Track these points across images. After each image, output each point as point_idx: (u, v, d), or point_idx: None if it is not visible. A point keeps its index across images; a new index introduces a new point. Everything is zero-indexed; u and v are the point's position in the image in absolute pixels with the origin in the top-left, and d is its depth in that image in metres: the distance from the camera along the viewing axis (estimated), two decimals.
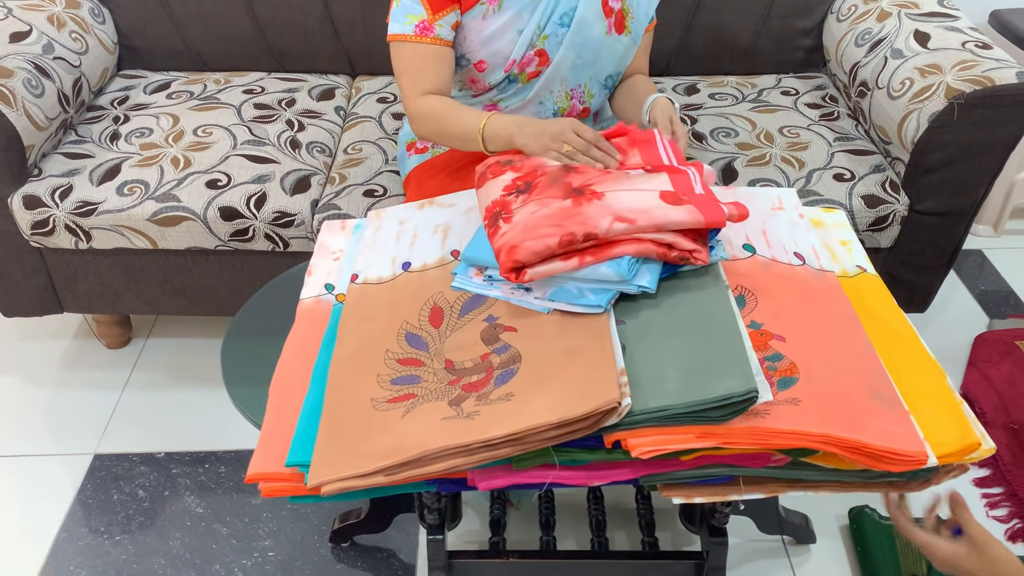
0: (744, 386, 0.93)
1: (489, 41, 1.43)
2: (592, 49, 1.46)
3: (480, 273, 1.15)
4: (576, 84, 1.50)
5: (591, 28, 1.44)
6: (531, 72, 1.46)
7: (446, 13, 1.39)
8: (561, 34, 1.43)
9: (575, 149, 1.21)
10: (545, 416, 0.92)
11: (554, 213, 1.09)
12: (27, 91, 1.68)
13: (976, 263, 2.30)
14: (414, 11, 1.39)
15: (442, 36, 1.40)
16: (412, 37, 1.39)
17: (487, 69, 1.46)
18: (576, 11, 1.42)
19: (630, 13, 1.47)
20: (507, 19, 1.42)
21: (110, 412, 1.85)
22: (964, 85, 1.57)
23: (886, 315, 1.19)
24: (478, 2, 1.41)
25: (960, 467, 1.00)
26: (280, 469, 0.98)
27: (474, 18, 1.42)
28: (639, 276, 1.09)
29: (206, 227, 1.67)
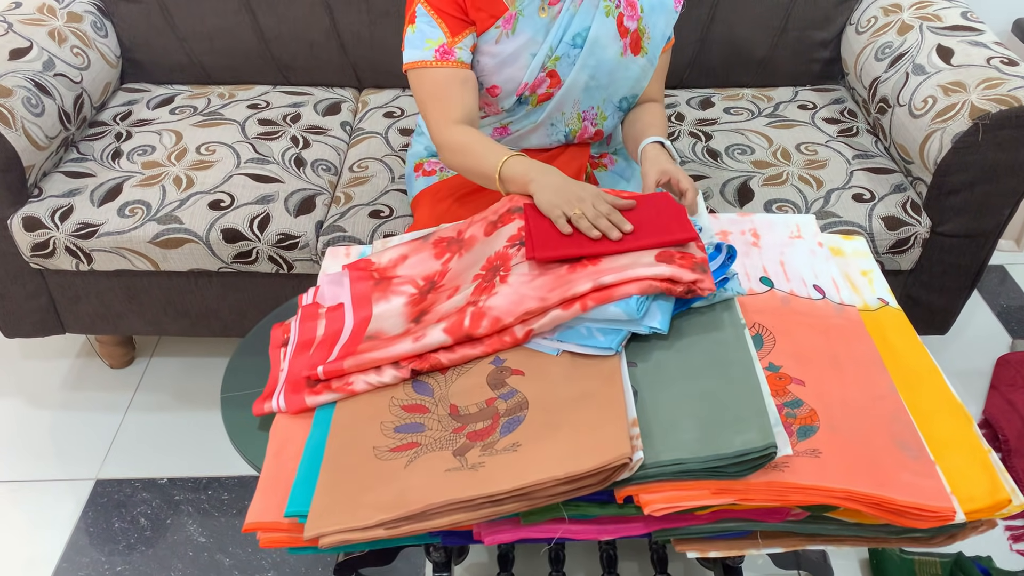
0: (763, 441, 0.89)
1: (503, 66, 1.38)
2: (606, 71, 1.41)
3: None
4: (589, 106, 1.45)
5: (605, 49, 1.39)
6: (542, 94, 1.42)
7: (464, 35, 1.35)
8: (574, 55, 1.39)
9: (584, 215, 1.14)
10: (552, 471, 0.88)
11: (547, 283, 1.06)
12: (27, 110, 1.65)
13: (998, 279, 2.24)
14: (432, 35, 1.33)
15: (463, 59, 1.34)
16: (433, 63, 1.33)
17: (500, 94, 1.42)
18: (589, 31, 1.37)
19: (646, 33, 1.42)
20: (521, 43, 1.37)
21: (112, 435, 1.82)
22: (989, 105, 1.52)
23: (908, 352, 1.14)
24: (492, 25, 1.36)
25: (989, 522, 0.95)
26: (279, 518, 0.95)
27: (488, 42, 1.38)
28: (649, 316, 1.04)
29: (209, 249, 1.64)
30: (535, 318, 1.04)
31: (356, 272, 1.23)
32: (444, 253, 1.22)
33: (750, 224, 1.30)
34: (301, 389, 1.06)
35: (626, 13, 1.39)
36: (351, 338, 1.11)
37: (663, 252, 1.08)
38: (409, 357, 1.04)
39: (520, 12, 1.36)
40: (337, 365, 1.04)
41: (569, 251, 1.10)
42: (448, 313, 1.08)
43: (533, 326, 1.04)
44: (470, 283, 1.12)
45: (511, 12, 1.36)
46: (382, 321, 1.13)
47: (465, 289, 1.12)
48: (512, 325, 1.04)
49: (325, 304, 1.21)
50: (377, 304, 1.16)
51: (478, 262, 1.16)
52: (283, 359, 1.15)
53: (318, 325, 1.18)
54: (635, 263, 1.06)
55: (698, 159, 1.79)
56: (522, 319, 1.03)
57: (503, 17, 1.36)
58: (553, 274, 1.08)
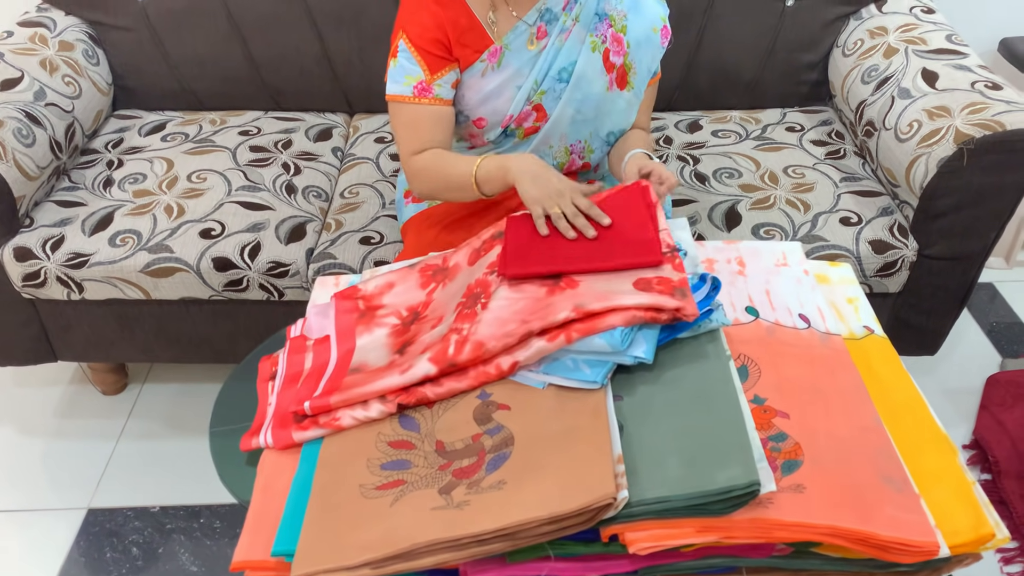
0: (746, 477, 0.89)
1: (488, 99, 1.40)
2: (593, 105, 1.42)
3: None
4: (576, 139, 1.46)
5: (592, 84, 1.40)
6: (529, 127, 1.43)
7: (444, 72, 1.37)
8: (559, 89, 1.40)
9: (563, 214, 1.18)
10: (537, 511, 0.88)
11: (527, 307, 1.07)
12: (17, 141, 1.66)
13: (987, 297, 2.25)
14: (412, 72, 1.36)
15: (441, 96, 1.37)
16: (410, 99, 1.37)
17: (486, 126, 1.43)
18: (575, 66, 1.38)
19: (632, 68, 1.43)
20: (506, 77, 1.39)
21: (105, 463, 1.83)
22: (974, 130, 1.53)
23: (894, 381, 1.14)
24: (478, 59, 1.38)
25: (974, 556, 0.96)
26: (266, 556, 0.95)
27: (473, 76, 1.39)
28: (634, 346, 1.05)
29: (199, 278, 1.64)
30: (519, 348, 1.04)
31: (342, 303, 1.24)
32: (429, 283, 1.23)
33: (736, 252, 1.31)
34: (288, 424, 1.07)
35: (612, 48, 1.40)
36: (336, 371, 1.12)
37: (640, 280, 1.08)
38: (396, 391, 1.05)
39: (506, 46, 1.38)
40: (323, 401, 1.05)
41: (540, 268, 1.12)
42: (432, 343, 1.09)
43: (519, 358, 1.04)
44: (452, 311, 1.13)
45: (496, 46, 1.37)
46: (366, 353, 1.13)
47: (448, 318, 1.13)
48: (496, 354, 1.04)
49: (312, 336, 1.22)
50: (360, 336, 1.17)
51: (460, 291, 1.17)
52: (271, 393, 1.15)
53: (305, 358, 1.18)
54: (615, 291, 1.07)
55: (686, 183, 1.80)
56: (505, 344, 1.04)
57: (488, 51, 1.37)
58: (532, 298, 1.09)
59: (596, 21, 1.39)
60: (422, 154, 1.37)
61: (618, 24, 1.41)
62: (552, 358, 1.07)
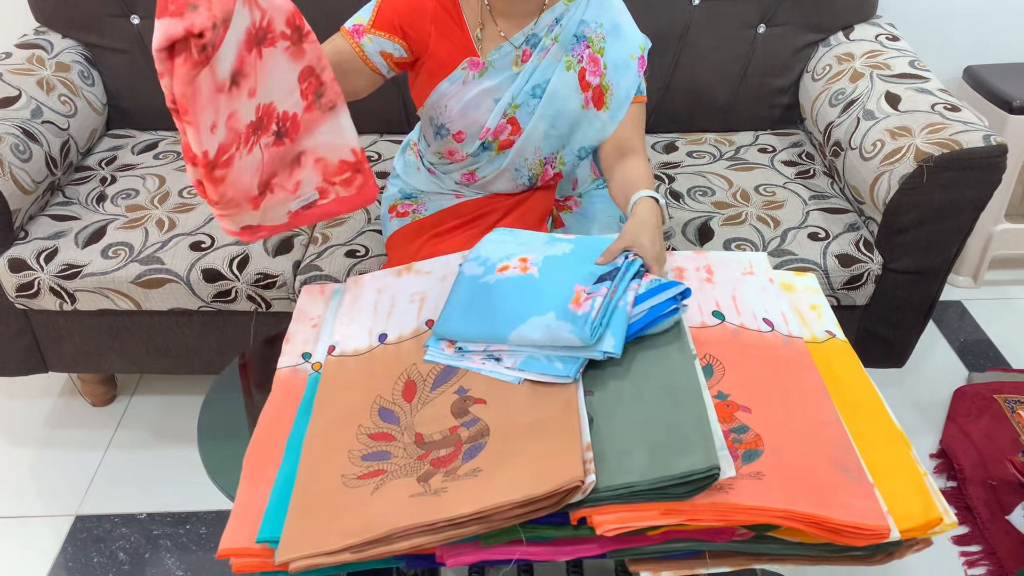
0: (706, 463, 0.94)
1: (467, 109, 1.45)
2: (567, 121, 1.48)
3: (451, 345, 1.17)
4: (550, 152, 1.52)
5: (566, 101, 1.46)
6: (504, 141, 1.49)
7: (383, 35, 1.40)
8: (533, 104, 1.46)
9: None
10: (510, 495, 0.93)
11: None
12: (14, 156, 1.71)
13: (956, 315, 2.32)
14: (363, 16, 1.41)
15: (365, 49, 1.40)
16: (343, 30, 1.41)
17: (465, 139, 1.49)
18: (549, 83, 1.45)
19: (610, 90, 1.48)
20: (486, 88, 1.44)
21: (93, 471, 1.86)
22: (933, 148, 1.61)
23: (853, 382, 1.20)
24: (458, 66, 1.44)
25: (924, 541, 1.01)
26: (251, 544, 0.99)
27: (454, 83, 1.44)
28: (603, 341, 1.10)
29: (189, 289, 1.69)
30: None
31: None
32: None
33: (704, 261, 1.37)
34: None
35: (588, 68, 1.47)
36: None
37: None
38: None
39: (491, 63, 1.43)
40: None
41: None
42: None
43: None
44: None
45: (480, 60, 1.43)
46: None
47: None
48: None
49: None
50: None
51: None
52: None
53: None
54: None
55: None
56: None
57: (469, 60, 1.43)
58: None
59: (574, 42, 1.46)
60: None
61: (596, 46, 1.48)
62: (525, 354, 1.13)
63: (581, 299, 1.14)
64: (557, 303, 1.15)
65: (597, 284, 1.17)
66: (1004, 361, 2.15)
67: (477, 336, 1.16)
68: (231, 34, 1.01)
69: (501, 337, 1.14)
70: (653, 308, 1.15)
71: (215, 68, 0.99)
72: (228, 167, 1.07)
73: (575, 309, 1.13)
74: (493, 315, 1.17)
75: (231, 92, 1.04)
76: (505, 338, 1.14)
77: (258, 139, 1.11)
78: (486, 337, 1.16)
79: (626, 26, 1.50)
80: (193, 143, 1.01)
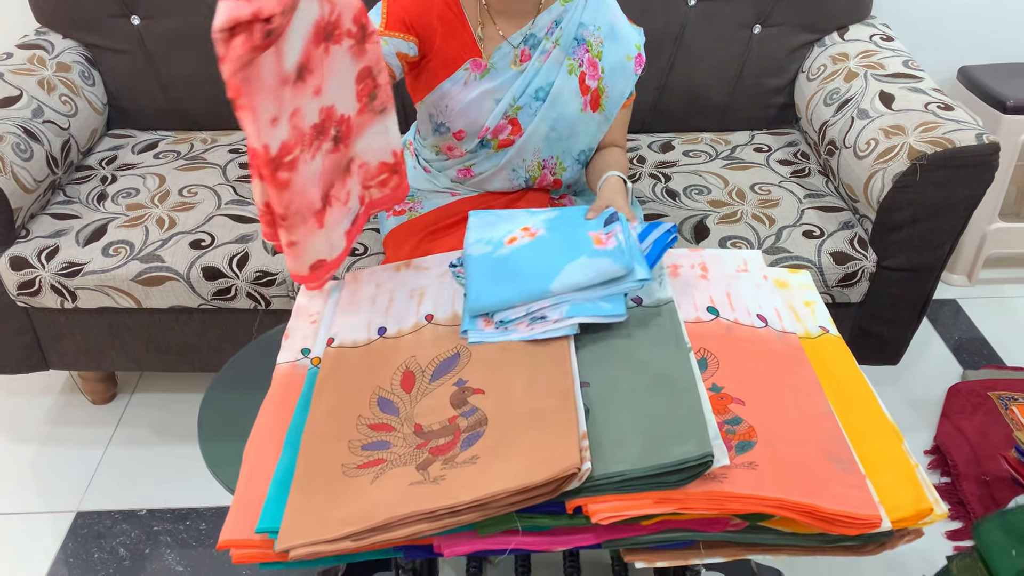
0: (699, 450, 0.96)
1: (468, 109, 1.47)
2: (567, 124, 1.50)
3: (490, 323, 1.19)
4: (549, 155, 1.54)
5: (567, 104, 1.48)
6: (503, 140, 1.50)
7: (396, 36, 1.40)
8: (535, 107, 1.48)
9: None
10: (507, 482, 0.94)
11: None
12: (16, 155, 1.72)
13: (951, 313, 2.33)
14: (376, 19, 1.41)
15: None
16: None
17: (465, 137, 1.50)
18: (552, 86, 1.47)
19: (606, 92, 1.51)
20: (487, 89, 1.46)
21: (94, 469, 1.87)
22: (926, 147, 1.62)
23: (846, 376, 1.21)
24: (461, 67, 1.45)
25: (915, 531, 1.02)
26: (251, 536, 1.00)
27: (456, 83, 1.46)
28: (636, 272, 1.19)
29: (189, 287, 1.71)
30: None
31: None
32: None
33: (699, 258, 1.39)
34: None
35: (588, 72, 1.49)
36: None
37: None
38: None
39: (492, 65, 1.45)
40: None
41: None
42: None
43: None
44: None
45: (483, 62, 1.45)
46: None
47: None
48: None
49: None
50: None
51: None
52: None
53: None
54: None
55: (658, 199, 1.89)
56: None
57: (472, 61, 1.45)
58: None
59: (574, 45, 1.48)
60: None
61: (594, 50, 1.50)
62: (568, 303, 1.17)
63: (602, 239, 1.23)
64: (582, 249, 1.22)
65: (607, 226, 1.27)
66: (999, 359, 2.17)
67: (518, 299, 1.19)
68: (299, 25, 0.95)
69: (544, 291, 1.18)
70: (656, 242, 1.25)
71: (282, 57, 0.94)
72: (293, 170, 1.00)
73: (602, 247, 1.21)
74: (526, 276, 1.21)
75: (296, 86, 0.98)
76: (548, 290, 1.17)
77: (320, 144, 1.06)
78: (527, 297, 1.18)
79: (621, 27, 1.52)
80: (252, 135, 0.94)
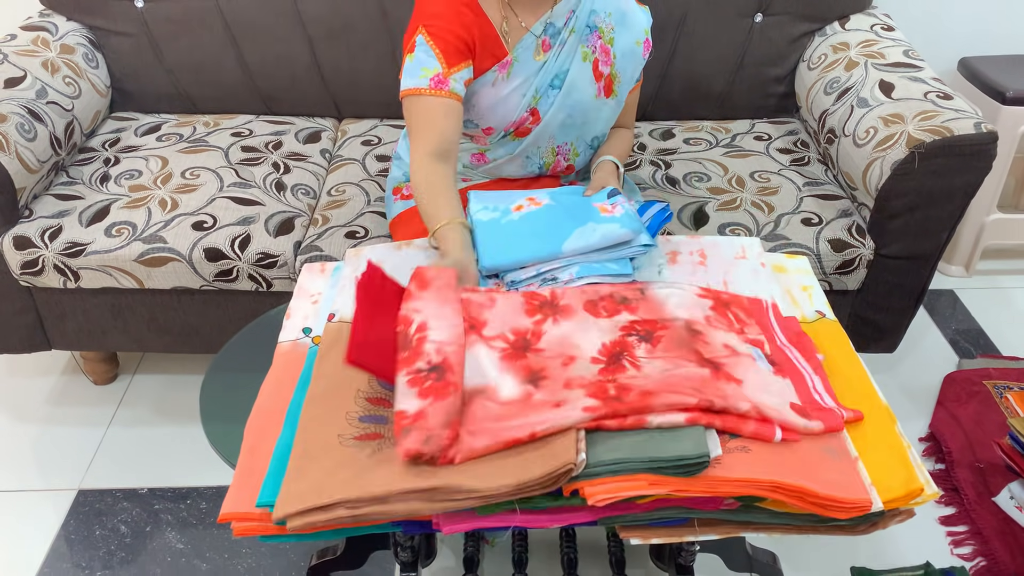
0: (696, 450, 0.97)
1: (496, 107, 1.48)
2: (582, 111, 1.52)
3: (500, 286, 1.23)
4: (564, 142, 1.56)
5: (583, 92, 1.49)
6: (522, 129, 1.52)
7: (460, 68, 1.39)
8: (552, 95, 1.49)
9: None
10: (506, 479, 0.95)
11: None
12: (20, 135, 1.73)
13: (948, 303, 2.35)
14: (429, 64, 1.38)
15: (455, 91, 1.39)
16: (427, 91, 1.37)
17: (494, 133, 1.52)
18: (568, 74, 1.48)
19: (618, 78, 1.53)
20: (514, 86, 1.47)
21: (95, 448, 1.89)
22: (924, 135, 1.63)
23: (841, 360, 1.22)
24: (490, 69, 1.45)
25: (907, 512, 1.04)
26: (251, 509, 1.01)
27: (484, 85, 1.46)
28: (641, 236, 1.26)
29: (191, 268, 1.72)
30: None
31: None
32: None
33: (698, 245, 1.40)
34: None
35: (601, 59, 1.50)
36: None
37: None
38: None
39: (516, 58, 1.46)
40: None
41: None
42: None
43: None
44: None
45: (508, 58, 1.46)
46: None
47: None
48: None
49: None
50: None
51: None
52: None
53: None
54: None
55: (657, 185, 1.90)
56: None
57: (500, 62, 1.45)
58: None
59: (587, 32, 1.49)
60: (434, 163, 1.37)
61: (606, 36, 1.51)
62: (577, 264, 1.24)
63: (608, 208, 1.30)
64: (589, 216, 1.29)
65: (611, 199, 1.34)
66: (995, 349, 2.18)
67: (530, 258, 1.24)
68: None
69: (555, 251, 1.24)
70: (653, 217, 1.32)
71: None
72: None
73: (608, 214, 1.28)
74: (536, 237, 1.27)
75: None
76: (560, 251, 1.23)
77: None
78: (539, 256, 1.24)
79: (630, 12, 1.53)
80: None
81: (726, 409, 1.01)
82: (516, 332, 1.15)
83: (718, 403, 1.01)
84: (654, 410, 1.00)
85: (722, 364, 1.10)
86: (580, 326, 1.16)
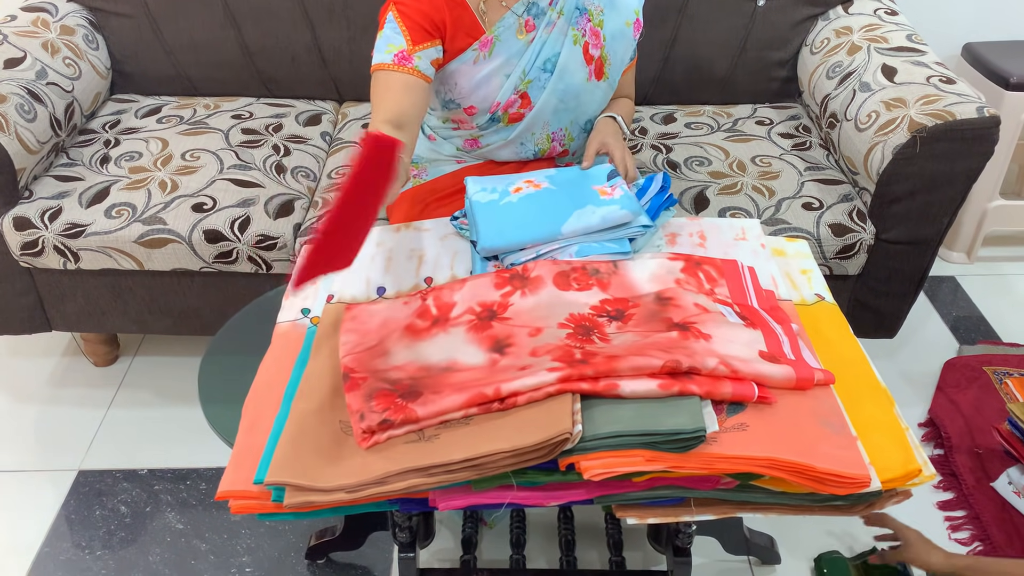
0: (692, 424, 0.97)
1: (478, 86, 1.47)
2: (574, 94, 1.51)
3: (499, 267, 1.24)
4: (558, 127, 1.55)
5: (574, 75, 1.49)
6: (514, 114, 1.51)
7: (425, 47, 1.41)
8: (544, 79, 1.48)
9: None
10: (500, 444, 0.96)
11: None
12: (20, 116, 1.73)
13: (950, 290, 2.34)
14: (395, 41, 1.40)
15: (419, 68, 1.40)
16: (390, 66, 1.39)
17: (476, 113, 1.51)
18: (559, 57, 1.47)
19: (608, 60, 1.52)
20: (496, 65, 1.46)
21: (95, 429, 1.89)
22: (926, 119, 1.62)
23: (840, 342, 1.22)
24: (468, 47, 1.45)
25: (904, 492, 1.04)
26: (249, 487, 1.02)
27: (465, 63, 1.46)
28: (640, 217, 1.28)
29: (191, 249, 1.72)
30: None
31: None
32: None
33: (698, 227, 1.39)
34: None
35: (591, 42, 1.50)
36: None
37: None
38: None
39: (497, 37, 1.46)
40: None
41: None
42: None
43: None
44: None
45: (488, 36, 1.45)
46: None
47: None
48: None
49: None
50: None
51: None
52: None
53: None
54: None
55: (659, 169, 1.89)
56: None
57: (480, 40, 1.45)
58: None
59: (577, 15, 1.48)
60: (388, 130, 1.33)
61: (595, 19, 1.50)
62: (577, 244, 1.25)
63: (607, 191, 1.32)
64: (588, 199, 1.31)
65: (610, 181, 1.36)
66: (996, 336, 2.18)
67: (529, 240, 1.25)
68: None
69: (554, 233, 1.25)
70: (654, 198, 1.34)
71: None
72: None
73: (608, 197, 1.30)
74: (535, 219, 1.28)
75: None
76: (558, 232, 1.25)
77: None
78: (539, 237, 1.25)
79: None
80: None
81: (694, 368, 1.02)
82: (483, 304, 1.18)
83: (685, 362, 1.01)
84: (621, 373, 1.00)
85: (692, 323, 1.12)
86: (549, 301, 1.17)
